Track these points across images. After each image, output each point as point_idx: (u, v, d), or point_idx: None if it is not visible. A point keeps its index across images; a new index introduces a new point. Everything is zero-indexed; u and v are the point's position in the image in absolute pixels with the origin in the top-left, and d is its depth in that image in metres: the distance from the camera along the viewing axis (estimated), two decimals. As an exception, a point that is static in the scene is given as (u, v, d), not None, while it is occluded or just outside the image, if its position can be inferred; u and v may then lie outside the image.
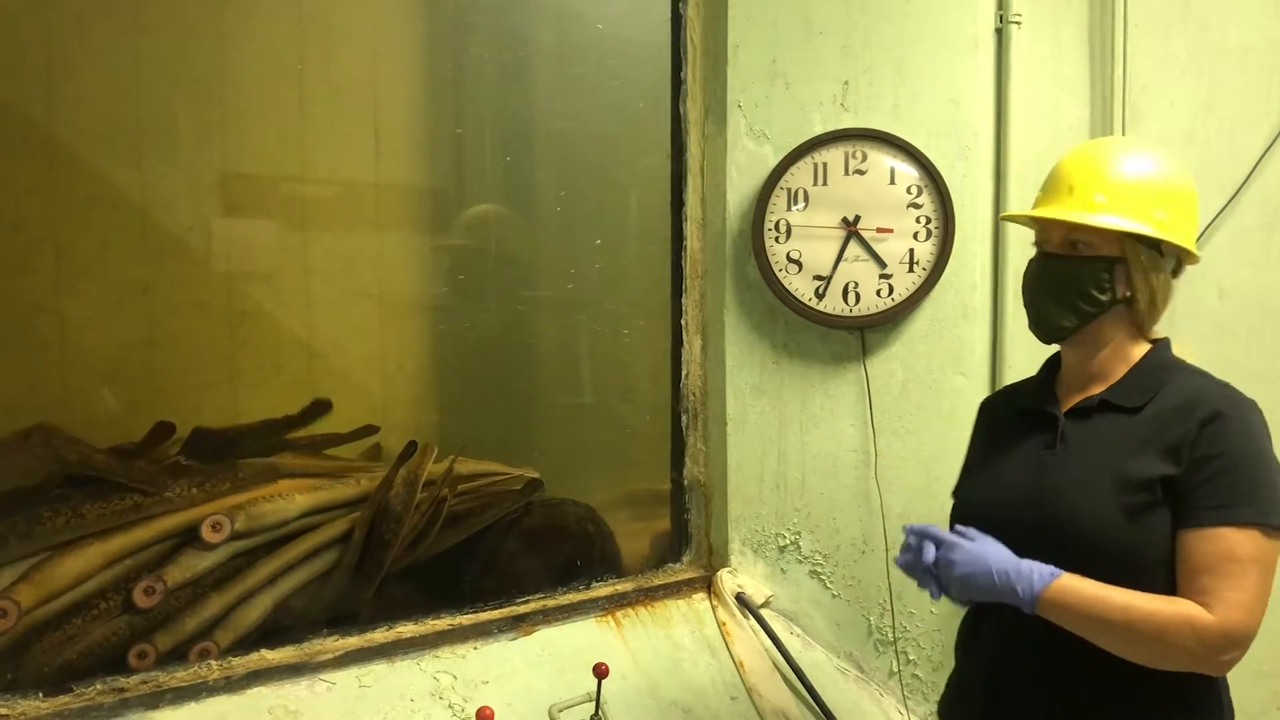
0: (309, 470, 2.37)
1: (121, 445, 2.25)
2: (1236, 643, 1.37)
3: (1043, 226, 1.60)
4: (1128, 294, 1.53)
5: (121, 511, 2.01)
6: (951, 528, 1.65)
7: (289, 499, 2.18)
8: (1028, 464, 1.59)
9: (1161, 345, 1.59)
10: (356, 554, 2.28)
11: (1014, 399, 1.75)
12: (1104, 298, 1.53)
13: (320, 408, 2.53)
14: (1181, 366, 1.57)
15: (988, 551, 1.47)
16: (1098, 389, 1.57)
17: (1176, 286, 1.60)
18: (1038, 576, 1.43)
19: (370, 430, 2.56)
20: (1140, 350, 1.58)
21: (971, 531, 1.52)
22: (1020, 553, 1.48)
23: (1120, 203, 1.50)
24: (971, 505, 1.68)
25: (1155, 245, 1.51)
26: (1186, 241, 1.53)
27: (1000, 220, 1.69)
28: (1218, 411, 1.45)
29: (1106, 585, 1.42)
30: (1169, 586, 1.44)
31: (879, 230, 2.38)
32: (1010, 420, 1.69)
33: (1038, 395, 1.66)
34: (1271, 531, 1.40)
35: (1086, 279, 1.53)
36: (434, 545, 2.41)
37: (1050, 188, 1.60)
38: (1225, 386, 1.52)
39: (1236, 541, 1.39)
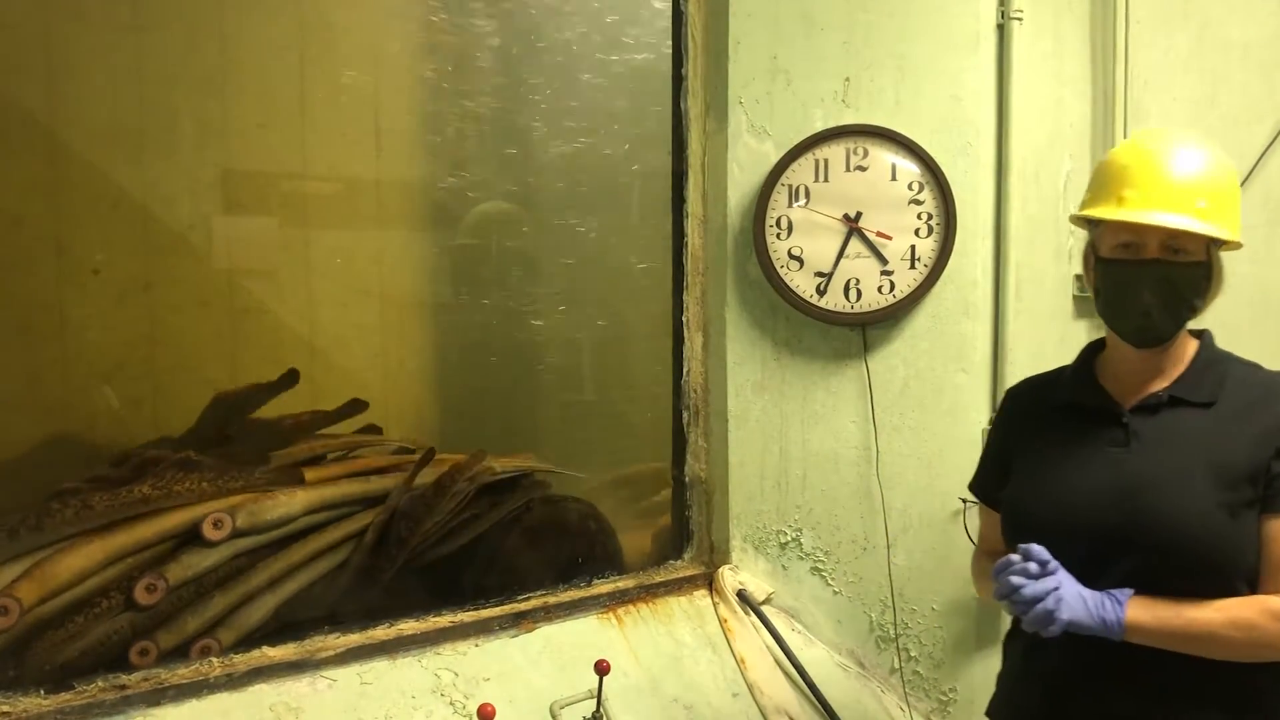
0: (337, 475, 2.35)
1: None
2: None
3: (1135, 230, 1.51)
4: (1208, 295, 1.53)
5: (130, 504, 2.01)
6: (1012, 535, 1.62)
7: (291, 495, 2.17)
8: (1099, 465, 1.53)
9: (1208, 338, 1.59)
10: (366, 555, 2.28)
11: (1052, 393, 1.68)
12: (1200, 302, 1.53)
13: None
14: (1229, 356, 1.57)
15: (1075, 583, 1.44)
16: (1156, 385, 1.54)
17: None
18: (1118, 605, 1.42)
19: (359, 405, 2.53)
20: (1189, 344, 1.57)
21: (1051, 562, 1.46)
22: (1104, 558, 1.46)
23: (1221, 210, 1.49)
24: (1040, 511, 1.58)
25: (1220, 246, 1.52)
26: (1238, 236, 1.53)
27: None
28: None
29: (1176, 601, 1.41)
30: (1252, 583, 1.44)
31: (879, 234, 2.38)
32: (1051, 416, 1.64)
33: (1086, 391, 1.61)
34: None
35: (1189, 285, 1.51)
36: (438, 549, 2.41)
37: (1147, 187, 1.50)
38: None
39: None
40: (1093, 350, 1.67)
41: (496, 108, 2.82)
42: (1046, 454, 1.62)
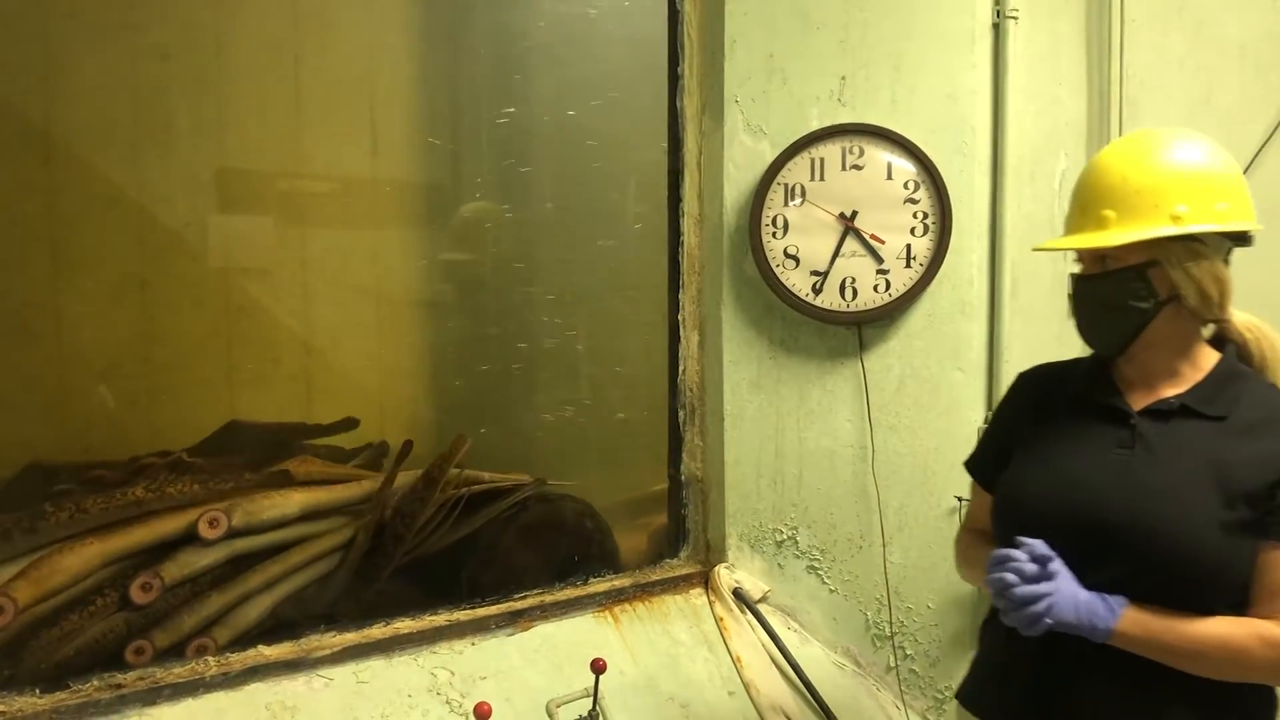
0: (321, 477, 2.36)
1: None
2: None
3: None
4: (1173, 294, 1.49)
5: (123, 506, 2.01)
6: (1003, 521, 1.61)
7: (286, 497, 2.17)
8: (1102, 463, 1.52)
9: (1230, 351, 1.56)
10: (359, 555, 2.28)
11: (1064, 382, 1.66)
12: (1146, 304, 1.49)
13: (349, 423, 2.54)
14: (1249, 374, 1.53)
15: (1070, 583, 1.43)
16: (1169, 390, 1.52)
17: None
18: (1111, 611, 1.41)
19: (351, 423, 2.55)
20: (1209, 354, 1.55)
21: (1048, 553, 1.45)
22: (1096, 557, 1.45)
23: (1131, 212, 1.47)
24: (1035, 502, 1.56)
25: (1190, 237, 1.47)
26: (1218, 222, 1.47)
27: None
28: None
29: (1170, 614, 1.40)
30: (1244, 604, 1.43)
31: (873, 237, 2.38)
32: (1060, 406, 1.63)
33: (1098, 387, 1.59)
34: None
35: (1122, 292, 1.50)
36: (434, 541, 2.41)
37: (1071, 212, 1.58)
38: None
39: None
40: None
41: (493, 105, 2.82)
42: (1050, 444, 1.60)
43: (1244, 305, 2.51)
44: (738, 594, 2.44)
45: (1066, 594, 1.41)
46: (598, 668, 2.03)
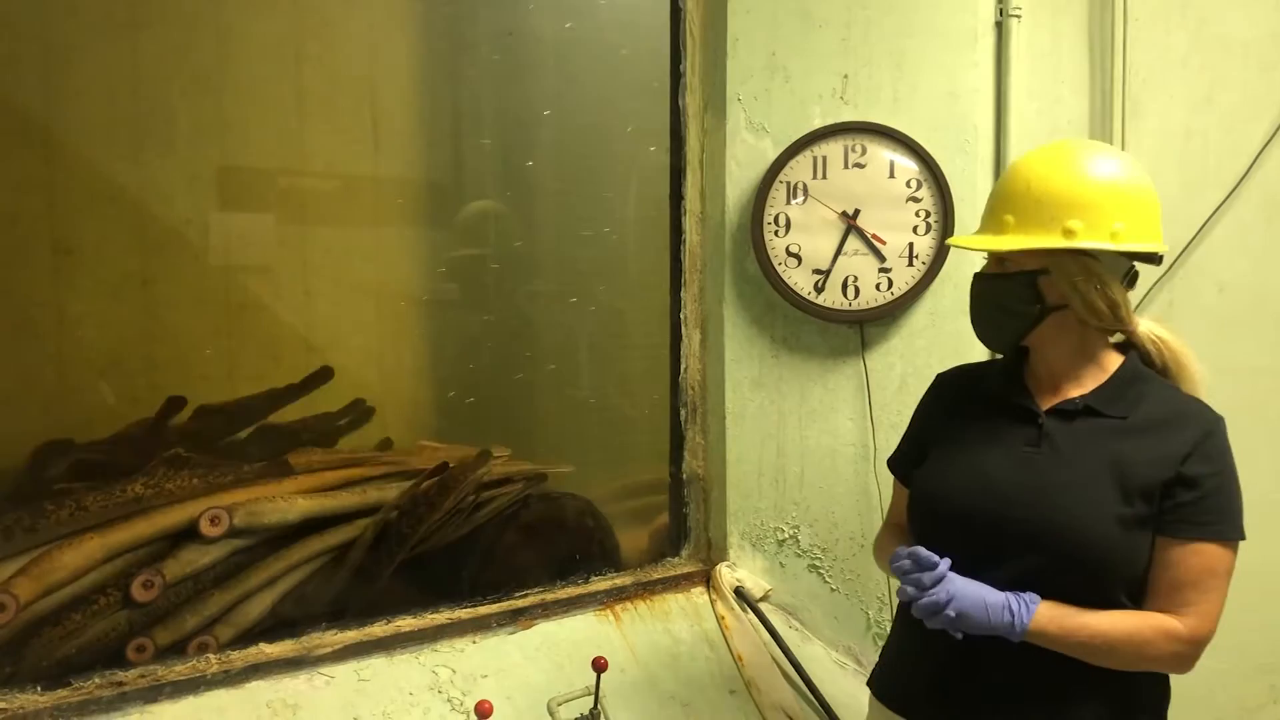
0: (322, 464, 2.35)
1: (131, 425, 2.24)
2: (1204, 648, 1.47)
3: None
4: (1062, 303, 1.53)
5: (124, 504, 2.01)
6: (918, 516, 1.67)
7: (290, 502, 2.17)
8: (1011, 461, 1.57)
9: (1133, 356, 1.60)
10: (364, 552, 2.28)
11: (978, 382, 1.72)
12: (1032, 309, 1.55)
13: (323, 375, 2.51)
14: (1152, 377, 1.58)
15: (979, 587, 1.48)
16: (1073, 392, 1.57)
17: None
18: (1025, 610, 1.46)
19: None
20: (1112, 357, 1.59)
21: (944, 562, 1.50)
22: (1006, 552, 1.50)
23: (1028, 221, 1.51)
24: (949, 498, 1.62)
25: (1082, 251, 1.50)
26: (1111, 241, 1.48)
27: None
28: (1210, 429, 1.49)
29: (1081, 610, 1.46)
30: (1140, 593, 1.50)
31: (874, 237, 2.38)
32: (973, 407, 1.68)
33: (1009, 387, 1.64)
34: (1237, 544, 1.49)
35: (1012, 295, 1.56)
36: (437, 539, 2.41)
37: (984, 210, 1.63)
38: (1199, 401, 1.55)
39: (1217, 556, 1.46)
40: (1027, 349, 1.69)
41: (494, 103, 2.82)
42: (962, 443, 1.66)
43: (1243, 298, 2.51)
44: (739, 593, 2.44)
45: (971, 597, 1.46)
46: (599, 666, 2.03)
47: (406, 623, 2.14)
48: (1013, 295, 1.56)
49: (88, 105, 2.30)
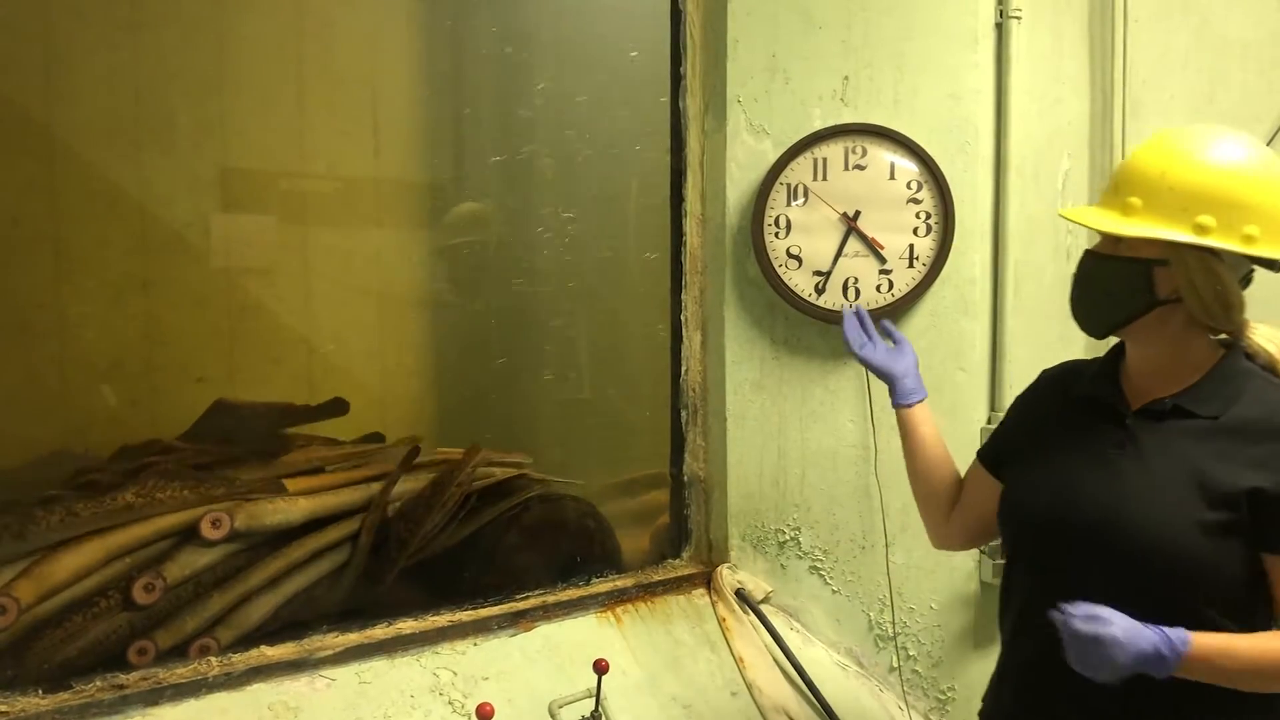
0: (315, 463, 2.35)
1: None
2: None
3: None
4: (1173, 296, 1.43)
5: (114, 512, 2.01)
6: (1004, 524, 1.61)
7: (292, 503, 2.17)
8: (1095, 463, 1.50)
9: (1235, 351, 1.51)
10: (364, 556, 2.27)
11: (1075, 381, 1.63)
12: (1139, 299, 1.44)
13: (337, 407, 2.51)
14: (1257, 373, 1.48)
15: (1131, 630, 1.33)
16: (1166, 391, 1.49)
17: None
18: (1178, 644, 1.32)
19: (340, 406, 2.52)
20: (1213, 355, 1.50)
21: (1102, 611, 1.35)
22: (1086, 559, 1.44)
23: (1157, 207, 1.41)
24: (1033, 502, 1.55)
25: (1208, 249, 1.40)
26: (1241, 245, 1.40)
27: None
28: None
29: (1230, 636, 1.35)
30: (1245, 607, 1.41)
31: (873, 241, 2.38)
32: (1068, 406, 1.60)
33: (1102, 385, 1.57)
34: None
35: (1120, 280, 1.47)
36: (438, 542, 2.41)
37: (1108, 184, 1.51)
38: None
39: None
40: (1124, 345, 1.60)
41: (495, 105, 2.82)
42: (1053, 444, 1.58)
43: (1245, 298, 2.50)
44: (740, 594, 2.44)
45: (1133, 633, 1.32)
46: (600, 668, 2.03)
47: (407, 625, 2.14)
48: (1123, 282, 1.46)
49: (89, 108, 2.30)
